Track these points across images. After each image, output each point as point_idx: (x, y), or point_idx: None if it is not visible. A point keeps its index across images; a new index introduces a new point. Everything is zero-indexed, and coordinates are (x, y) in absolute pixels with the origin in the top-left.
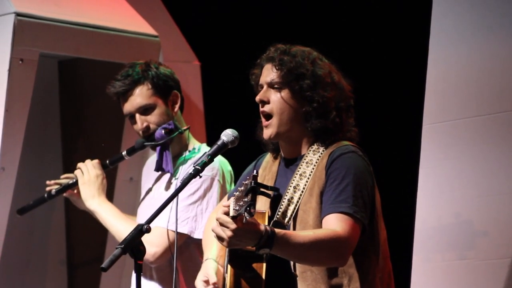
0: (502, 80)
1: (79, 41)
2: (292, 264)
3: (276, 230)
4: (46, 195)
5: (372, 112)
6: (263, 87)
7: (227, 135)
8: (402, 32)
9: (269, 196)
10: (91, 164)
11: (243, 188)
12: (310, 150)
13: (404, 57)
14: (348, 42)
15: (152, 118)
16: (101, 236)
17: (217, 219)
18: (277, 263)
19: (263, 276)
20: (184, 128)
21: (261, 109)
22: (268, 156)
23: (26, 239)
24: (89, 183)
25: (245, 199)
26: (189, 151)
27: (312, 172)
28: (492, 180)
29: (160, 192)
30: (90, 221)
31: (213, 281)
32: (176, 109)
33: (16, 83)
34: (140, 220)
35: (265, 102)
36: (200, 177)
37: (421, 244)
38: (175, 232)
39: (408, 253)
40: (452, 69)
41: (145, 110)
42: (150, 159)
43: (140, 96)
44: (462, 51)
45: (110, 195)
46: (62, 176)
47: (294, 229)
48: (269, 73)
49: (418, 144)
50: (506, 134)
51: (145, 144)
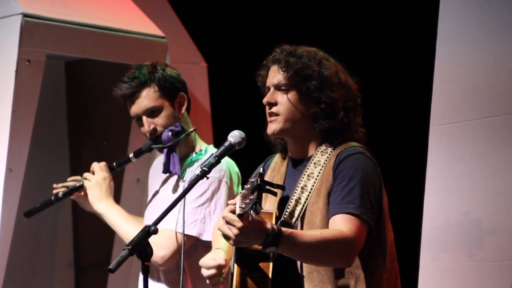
0: (510, 82)
1: (86, 42)
2: (299, 265)
3: (283, 229)
4: (53, 198)
5: (380, 114)
6: (270, 89)
7: (234, 137)
8: (409, 33)
9: (275, 194)
10: (98, 167)
11: (249, 186)
12: (318, 151)
13: (411, 59)
14: (355, 44)
15: (159, 120)
16: (108, 238)
17: (223, 217)
18: (284, 263)
19: (270, 276)
20: (191, 130)
21: (268, 111)
22: (277, 157)
23: (34, 240)
24: (97, 186)
25: (251, 197)
26: (196, 153)
27: (320, 173)
28: (500, 182)
29: (168, 194)
30: (97, 223)
31: (223, 258)
32: (183, 111)
33: (23, 84)
34: (148, 222)
35: (273, 104)
36: (207, 179)
37: (429, 246)
38: (183, 234)
39: (416, 255)
40: (460, 71)
41: (152, 112)
42: (157, 160)
43: (147, 99)
44: (469, 52)
45: (117, 196)
46: (69, 179)
47: (302, 230)
48: (276, 75)
49: (426, 146)
50: None
51: (153, 147)
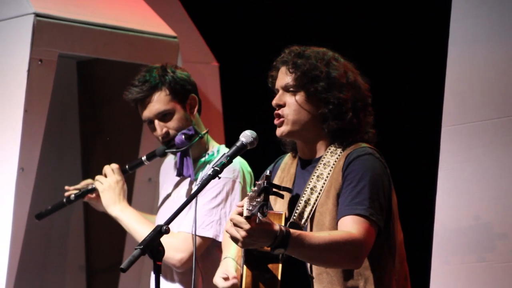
0: None
1: (98, 42)
2: (309, 266)
3: (291, 231)
4: (65, 200)
5: (391, 114)
6: (279, 91)
7: (246, 136)
8: (421, 34)
9: (282, 197)
10: (111, 170)
11: (256, 188)
12: (328, 152)
13: (423, 59)
14: (368, 44)
15: (172, 124)
16: (120, 238)
17: (231, 220)
18: (293, 264)
19: (279, 277)
20: (204, 132)
21: (277, 112)
22: (287, 158)
23: (45, 239)
24: (110, 189)
25: (258, 199)
26: (208, 154)
27: (329, 174)
28: None
29: (180, 196)
30: (109, 223)
31: (233, 275)
32: (195, 112)
33: (35, 84)
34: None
35: (281, 106)
36: (219, 178)
37: (440, 247)
38: (194, 235)
39: (427, 256)
40: (472, 71)
41: (164, 116)
42: (168, 159)
43: (159, 102)
44: (482, 53)
45: (129, 196)
46: (82, 183)
47: (311, 231)
48: (284, 77)
49: (437, 146)
50: None
51: (167, 152)
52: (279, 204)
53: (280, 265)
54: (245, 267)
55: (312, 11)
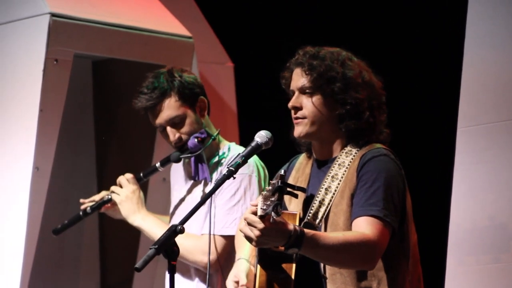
0: None
1: (113, 42)
2: (322, 266)
3: (306, 230)
4: (82, 213)
5: (407, 115)
6: (295, 93)
7: (261, 137)
8: (437, 35)
9: (296, 196)
10: (126, 180)
11: (271, 188)
12: (343, 152)
13: (439, 60)
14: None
15: (184, 129)
16: (134, 237)
17: (245, 219)
18: (307, 264)
19: (293, 277)
20: (216, 134)
21: (294, 116)
22: (302, 158)
23: (60, 238)
24: (127, 200)
25: (272, 199)
26: (219, 155)
27: (344, 174)
28: None
29: (194, 198)
30: (123, 222)
31: (243, 283)
32: (205, 115)
33: (51, 83)
34: None
35: (298, 108)
36: (234, 179)
37: (455, 248)
38: (209, 234)
39: (441, 257)
40: (487, 72)
41: (176, 122)
42: None
43: (169, 109)
44: (497, 54)
45: (144, 196)
46: (96, 195)
47: (325, 231)
48: (299, 78)
49: (453, 148)
50: None
51: (181, 157)
52: (294, 204)
53: (294, 265)
54: (259, 267)
55: (328, 11)
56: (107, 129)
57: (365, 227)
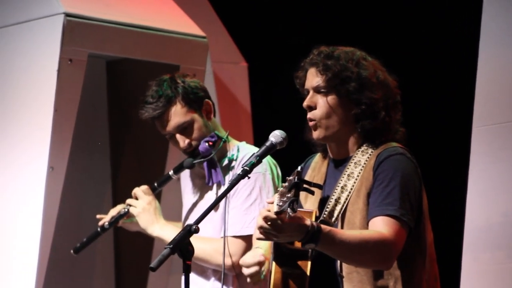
0: None
1: (127, 42)
2: (338, 265)
3: (322, 226)
4: (100, 229)
5: (422, 115)
6: (309, 92)
7: (276, 136)
8: (453, 34)
9: (312, 193)
10: (141, 191)
11: (287, 184)
12: (359, 151)
13: (454, 60)
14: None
15: (193, 134)
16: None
17: (261, 215)
18: (323, 263)
19: (308, 274)
20: (226, 135)
21: (309, 115)
22: (317, 157)
23: (75, 238)
24: (145, 211)
25: (289, 195)
26: (228, 157)
27: (360, 173)
28: None
29: (206, 201)
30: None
31: (260, 253)
32: (211, 117)
33: (65, 83)
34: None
35: (313, 108)
36: (249, 178)
37: (471, 246)
38: (224, 234)
39: (456, 256)
40: (503, 71)
41: (184, 129)
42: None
43: (177, 116)
44: None
45: (158, 196)
46: (112, 210)
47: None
48: (314, 78)
49: (468, 147)
50: None
51: (194, 163)
52: (310, 203)
53: (309, 263)
54: (274, 264)
55: (342, 11)
56: (121, 129)
57: (382, 227)
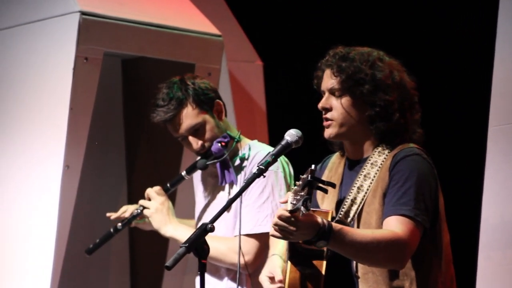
0: None
1: (143, 40)
2: (354, 265)
3: (333, 224)
4: (112, 230)
5: (438, 115)
6: (325, 94)
7: (291, 135)
8: (469, 34)
9: (326, 191)
10: (154, 192)
11: (301, 182)
12: (375, 152)
13: (470, 59)
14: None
15: (205, 136)
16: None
17: (277, 213)
18: (338, 262)
19: (323, 273)
20: (238, 135)
21: (324, 116)
22: (335, 157)
23: (90, 237)
24: (157, 212)
25: (302, 193)
26: (239, 156)
27: (376, 174)
28: None
29: (219, 201)
30: None
31: (279, 278)
32: (223, 117)
33: (81, 82)
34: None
35: (328, 110)
36: (264, 177)
37: (487, 247)
38: (239, 235)
39: (472, 257)
40: None
41: (196, 130)
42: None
43: (188, 118)
44: None
45: (172, 195)
46: (124, 208)
47: None
48: (329, 80)
49: (484, 146)
50: None
51: (208, 164)
52: (327, 203)
53: (325, 262)
54: (290, 263)
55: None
56: (137, 127)
57: (396, 226)
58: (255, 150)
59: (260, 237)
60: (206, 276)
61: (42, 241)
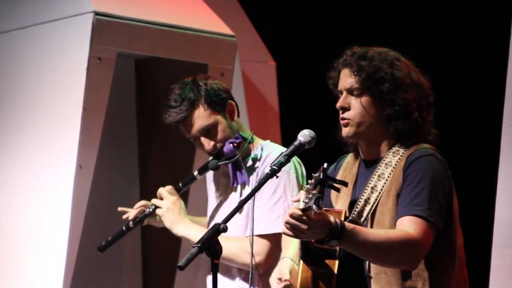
0: None
1: (156, 40)
2: (367, 265)
3: (346, 223)
4: (125, 228)
5: (452, 115)
6: (343, 93)
7: (304, 136)
8: (482, 34)
9: (338, 190)
10: (166, 192)
11: (313, 181)
12: (390, 152)
13: (484, 59)
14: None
15: (217, 136)
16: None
17: (289, 212)
18: (351, 262)
19: (335, 273)
20: (251, 136)
21: (342, 116)
22: (349, 157)
23: (102, 236)
24: (169, 211)
25: (314, 192)
26: (252, 156)
27: (391, 174)
28: None
29: (231, 201)
30: None
31: (286, 278)
32: (235, 118)
33: (94, 82)
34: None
35: (346, 109)
36: (277, 178)
37: (500, 246)
38: (251, 235)
39: (486, 259)
40: None
41: (208, 131)
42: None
43: (200, 119)
44: None
45: (185, 194)
46: (137, 205)
47: None
48: (348, 79)
49: (497, 147)
50: None
51: (219, 164)
52: (340, 203)
53: (337, 262)
54: (302, 263)
55: (371, 10)
56: (150, 127)
57: (409, 227)
58: (268, 151)
59: (272, 238)
60: (218, 276)
61: (55, 241)
